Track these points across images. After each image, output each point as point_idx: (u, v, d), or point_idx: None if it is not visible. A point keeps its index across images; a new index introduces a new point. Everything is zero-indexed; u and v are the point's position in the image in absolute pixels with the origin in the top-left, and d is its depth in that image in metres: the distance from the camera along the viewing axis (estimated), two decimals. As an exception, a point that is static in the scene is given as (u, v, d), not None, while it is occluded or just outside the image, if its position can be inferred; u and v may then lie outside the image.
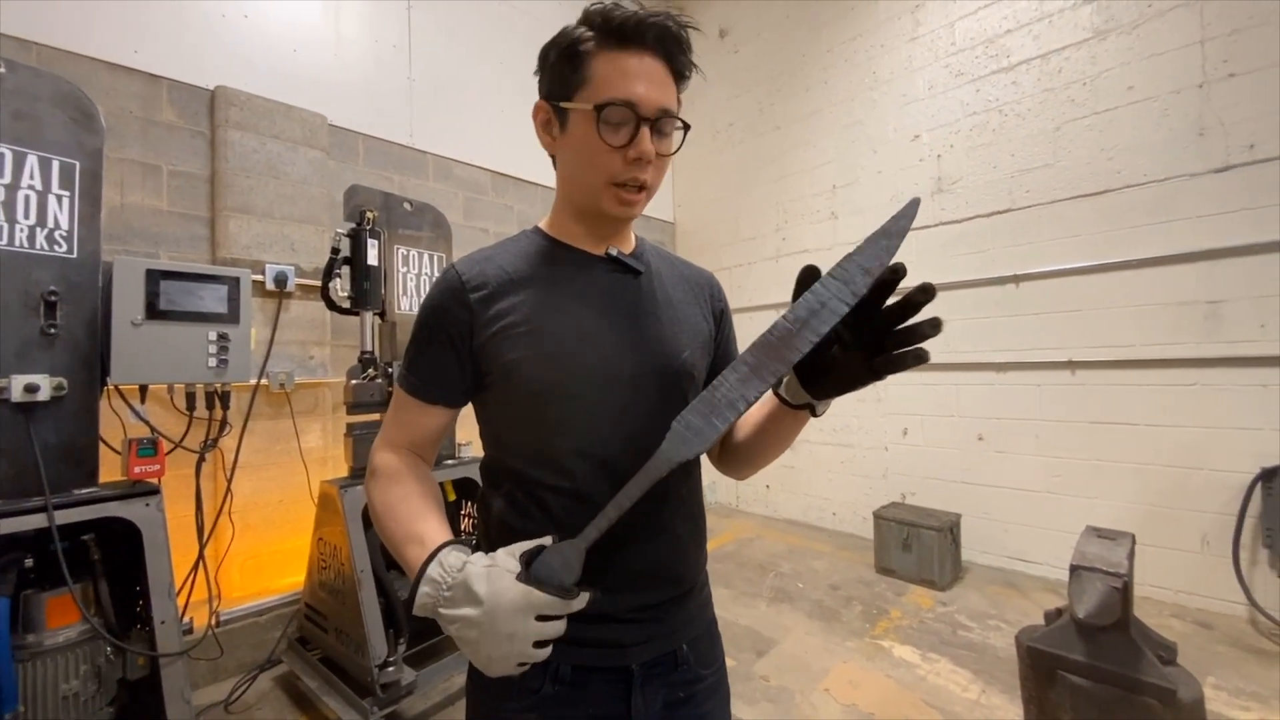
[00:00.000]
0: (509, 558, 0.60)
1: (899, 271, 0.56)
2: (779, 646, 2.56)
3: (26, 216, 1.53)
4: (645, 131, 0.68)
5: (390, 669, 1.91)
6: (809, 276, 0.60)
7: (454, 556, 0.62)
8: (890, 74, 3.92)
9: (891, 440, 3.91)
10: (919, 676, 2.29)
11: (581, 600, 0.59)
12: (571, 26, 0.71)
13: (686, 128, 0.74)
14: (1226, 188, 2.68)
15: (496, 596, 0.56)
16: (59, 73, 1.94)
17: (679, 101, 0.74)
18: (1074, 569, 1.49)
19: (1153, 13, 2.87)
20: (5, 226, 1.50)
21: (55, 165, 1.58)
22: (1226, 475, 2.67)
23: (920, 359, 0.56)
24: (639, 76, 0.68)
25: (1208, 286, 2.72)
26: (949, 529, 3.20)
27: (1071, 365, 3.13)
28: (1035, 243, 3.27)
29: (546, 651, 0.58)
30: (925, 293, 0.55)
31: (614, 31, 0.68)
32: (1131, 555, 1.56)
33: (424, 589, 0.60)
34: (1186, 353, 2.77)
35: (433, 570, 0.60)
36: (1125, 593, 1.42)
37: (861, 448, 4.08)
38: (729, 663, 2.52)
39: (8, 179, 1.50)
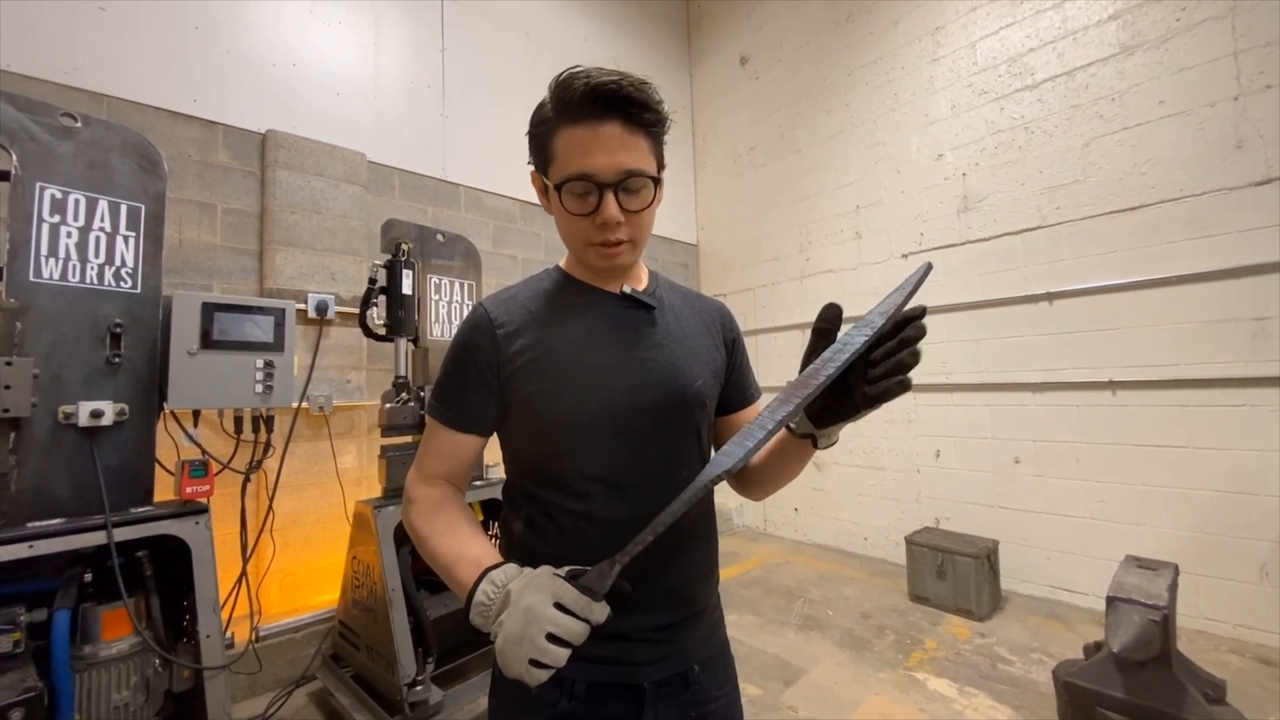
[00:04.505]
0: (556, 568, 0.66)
1: (918, 312, 0.60)
2: (807, 676, 2.50)
3: (97, 256, 1.67)
4: (609, 197, 0.71)
5: (419, 688, 1.95)
6: (832, 314, 0.65)
7: (513, 568, 0.67)
8: (912, 95, 3.93)
9: (924, 463, 3.82)
10: (956, 712, 2.20)
11: (603, 611, 0.61)
12: (544, 99, 0.75)
13: (658, 182, 0.76)
14: (1269, 201, 2.58)
15: (528, 576, 0.63)
16: (126, 122, 2.13)
17: (657, 148, 0.76)
18: (1110, 600, 1.44)
19: (1181, 27, 2.83)
20: (78, 265, 1.64)
21: (123, 209, 1.73)
22: (1285, 501, 2.53)
23: (904, 386, 0.60)
24: (596, 148, 0.70)
25: (1253, 303, 2.61)
26: (986, 556, 3.09)
27: (1112, 386, 3.02)
28: (1068, 260, 3.20)
29: (560, 653, 0.58)
30: (917, 328, 0.59)
31: (567, 107, 0.71)
32: (1174, 586, 1.49)
33: (483, 586, 0.65)
34: (1233, 372, 2.65)
35: (495, 574, 0.66)
36: (1165, 626, 1.35)
37: (892, 470, 3.99)
38: (755, 691, 2.48)
39: (81, 222, 1.65)
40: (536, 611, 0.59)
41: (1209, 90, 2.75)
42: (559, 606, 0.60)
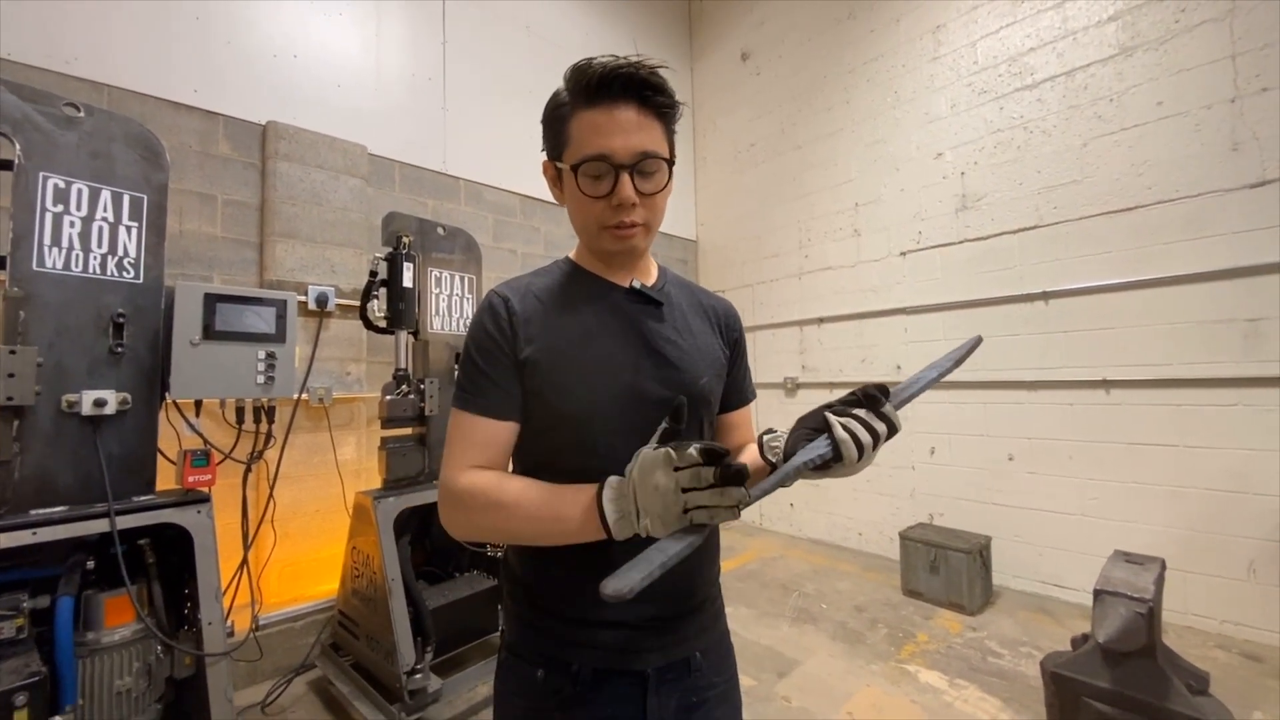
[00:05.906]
0: None
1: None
2: (801, 667, 2.53)
3: (100, 246, 1.68)
4: (625, 178, 0.73)
5: (418, 676, 1.97)
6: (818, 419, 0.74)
7: (614, 477, 0.68)
8: (912, 93, 3.94)
9: (919, 459, 3.85)
10: (946, 703, 2.24)
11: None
12: (559, 88, 0.77)
13: (671, 163, 0.77)
14: (1264, 202, 2.61)
15: (636, 461, 0.65)
16: (127, 112, 2.13)
17: (670, 134, 0.78)
18: (1097, 593, 1.47)
19: (1180, 28, 2.84)
20: (81, 255, 1.64)
21: (126, 199, 1.73)
22: (1273, 500, 2.56)
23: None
24: (612, 130, 0.72)
25: (1247, 304, 2.64)
26: (978, 551, 3.13)
27: (1105, 384, 3.05)
28: (1065, 259, 3.22)
29: (705, 512, 0.60)
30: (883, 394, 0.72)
31: (584, 91, 0.73)
32: (1160, 580, 1.52)
33: (607, 498, 0.66)
34: (1226, 372, 2.68)
35: (610, 480, 0.67)
36: (1150, 618, 1.38)
37: (888, 466, 4.02)
38: (749, 682, 2.52)
39: (85, 212, 1.66)
40: (664, 485, 0.61)
41: (1206, 92, 2.77)
42: (677, 470, 0.61)
